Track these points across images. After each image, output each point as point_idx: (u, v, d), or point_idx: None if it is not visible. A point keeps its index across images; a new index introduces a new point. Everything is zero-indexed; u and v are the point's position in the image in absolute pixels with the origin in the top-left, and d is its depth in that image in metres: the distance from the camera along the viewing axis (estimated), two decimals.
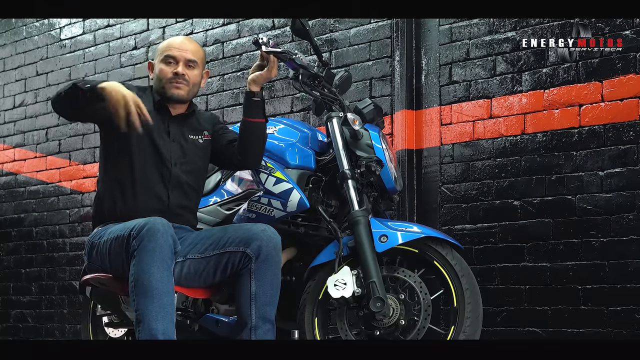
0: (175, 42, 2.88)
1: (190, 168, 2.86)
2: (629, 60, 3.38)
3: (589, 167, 3.45)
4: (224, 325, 2.89)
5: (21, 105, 5.80)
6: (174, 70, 2.82)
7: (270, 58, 2.80)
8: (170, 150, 2.82)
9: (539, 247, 3.55)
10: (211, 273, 2.74)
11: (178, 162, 2.82)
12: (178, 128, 2.87)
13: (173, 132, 2.85)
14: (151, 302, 2.44)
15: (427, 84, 3.93)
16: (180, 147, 2.85)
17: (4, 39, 5.97)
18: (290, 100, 4.40)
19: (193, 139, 2.89)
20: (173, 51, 2.84)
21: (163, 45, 2.90)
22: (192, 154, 2.87)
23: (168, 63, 2.83)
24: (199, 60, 2.88)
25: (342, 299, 2.72)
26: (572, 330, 3.44)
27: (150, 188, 2.77)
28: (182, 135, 2.87)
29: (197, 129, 2.92)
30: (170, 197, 2.79)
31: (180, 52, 2.84)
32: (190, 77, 2.84)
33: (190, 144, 2.88)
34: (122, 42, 5.23)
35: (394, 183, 3.04)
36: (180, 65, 2.83)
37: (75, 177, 5.37)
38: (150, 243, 2.46)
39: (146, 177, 2.77)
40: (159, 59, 2.86)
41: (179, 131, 2.87)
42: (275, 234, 2.71)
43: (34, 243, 5.60)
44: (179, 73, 2.82)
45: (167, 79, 2.82)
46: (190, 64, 2.85)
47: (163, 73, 2.83)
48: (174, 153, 2.83)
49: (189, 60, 2.85)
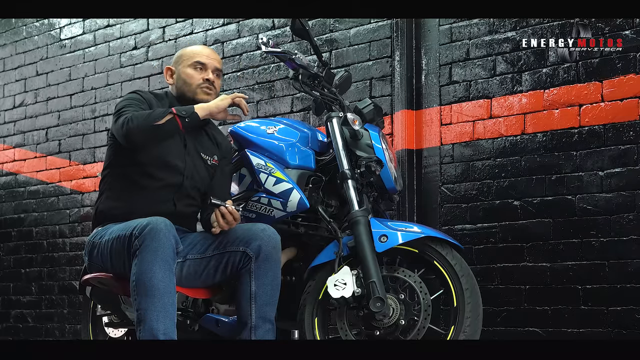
0: (203, 50, 2.94)
1: (199, 185, 2.86)
2: (629, 60, 3.38)
3: (589, 167, 3.45)
4: (224, 325, 2.89)
5: (21, 105, 5.80)
6: (205, 76, 2.87)
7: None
8: (185, 162, 2.82)
9: (539, 247, 3.54)
10: (211, 273, 2.74)
11: (189, 175, 2.82)
12: (193, 142, 2.88)
13: (189, 146, 2.86)
14: (152, 302, 2.44)
15: (427, 84, 3.93)
16: (192, 163, 2.85)
17: (4, 39, 5.97)
18: (290, 100, 4.40)
19: (204, 157, 2.90)
20: (202, 58, 2.89)
21: (188, 51, 2.93)
22: (202, 172, 2.88)
23: (197, 69, 2.88)
24: (222, 70, 2.97)
25: (342, 299, 2.72)
26: (572, 330, 3.44)
27: (158, 194, 2.75)
28: (196, 151, 2.88)
29: (210, 149, 2.93)
30: (177, 206, 2.79)
31: (210, 59, 2.90)
32: (217, 85, 2.91)
33: (202, 162, 2.88)
34: (122, 42, 5.23)
35: (394, 183, 3.04)
36: (209, 73, 2.88)
37: (75, 177, 5.37)
38: (153, 242, 2.46)
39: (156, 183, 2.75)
40: (186, 64, 2.88)
41: (193, 146, 2.87)
42: (275, 233, 2.71)
43: (34, 243, 5.60)
44: (210, 79, 2.87)
45: (198, 84, 2.86)
46: (216, 72, 2.92)
47: (193, 78, 2.87)
48: (188, 166, 2.83)
49: (217, 68, 2.92)
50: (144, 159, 2.75)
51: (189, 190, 2.82)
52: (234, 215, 2.68)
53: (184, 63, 2.89)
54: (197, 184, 2.85)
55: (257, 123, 3.21)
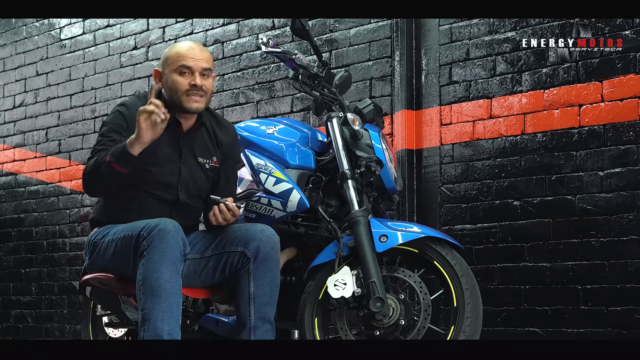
0: (188, 52, 2.70)
1: (197, 193, 2.79)
2: (629, 60, 3.37)
3: (589, 167, 3.45)
4: (224, 325, 2.89)
5: (21, 105, 5.80)
6: (191, 81, 2.66)
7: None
8: (179, 175, 2.74)
9: (539, 247, 3.54)
10: (210, 273, 2.73)
11: (184, 188, 2.75)
12: (189, 148, 2.77)
13: (184, 154, 2.76)
14: (158, 302, 2.44)
15: (427, 84, 3.93)
16: (189, 172, 2.76)
17: (4, 39, 5.97)
18: (290, 100, 4.40)
19: (202, 162, 2.79)
20: (188, 61, 2.67)
21: (172, 53, 2.72)
22: (199, 179, 2.79)
23: (183, 74, 2.67)
24: (212, 68, 2.74)
25: (342, 299, 2.72)
26: (572, 330, 3.44)
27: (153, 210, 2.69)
28: (193, 157, 2.78)
29: (208, 150, 2.82)
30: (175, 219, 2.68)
31: (195, 61, 2.68)
32: (207, 87, 2.70)
33: (199, 167, 2.79)
34: (122, 42, 5.23)
35: (394, 183, 3.04)
36: (197, 76, 2.67)
37: (75, 177, 5.37)
38: (161, 243, 2.45)
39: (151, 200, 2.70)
40: (171, 68, 2.68)
41: (189, 152, 2.77)
42: (274, 234, 2.70)
43: (34, 243, 5.60)
44: (197, 85, 2.67)
45: (184, 90, 2.66)
46: (205, 72, 2.69)
47: (179, 85, 2.67)
48: (183, 178, 2.74)
49: (205, 69, 2.69)
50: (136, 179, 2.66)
51: (187, 201, 2.76)
52: (233, 212, 2.66)
53: (170, 67, 2.69)
54: (194, 192, 2.77)
55: (257, 123, 3.22)
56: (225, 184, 2.84)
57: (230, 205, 2.65)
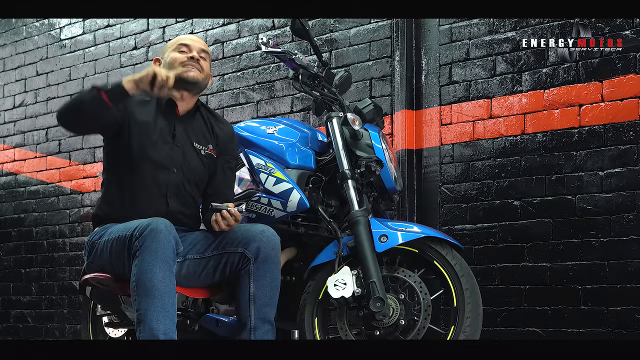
0: (188, 36, 2.92)
1: (191, 176, 2.80)
2: (629, 60, 3.38)
3: (589, 167, 3.45)
4: (224, 325, 2.89)
5: (21, 105, 5.80)
6: (189, 55, 2.80)
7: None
8: (173, 156, 2.77)
9: (539, 247, 3.54)
10: (210, 273, 2.73)
11: (179, 169, 2.77)
12: (184, 132, 2.81)
13: (178, 136, 2.80)
14: (152, 302, 2.44)
15: (427, 84, 3.93)
16: (182, 154, 2.79)
17: (4, 39, 5.97)
18: (290, 100, 4.40)
19: (197, 147, 2.83)
20: (186, 41, 2.85)
21: (173, 40, 2.90)
22: (194, 162, 2.81)
23: (181, 52, 2.81)
24: (209, 55, 2.89)
25: (342, 299, 2.72)
26: (572, 330, 3.44)
27: (149, 194, 2.72)
28: (188, 140, 2.81)
29: (204, 137, 2.86)
30: (170, 204, 2.75)
31: (194, 42, 2.85)
32: (204, 65, 2.83)
33: (194, 151, 2.82)
34: (122, 42, 5.23)
35: (394, 183, 3.04)
36: (194, 52, 2.81)
37: (75, 177, 5.37)
38: (153, 243, 2.45)
39: (145, 183, 2.73)
40: (171, 50, 2.83)
41: (184, 135, 2.81)
42: (274, 234, 2.70)
43: (34, 243, 5.60)
44: (195, 57, 2.80)
45: (181, 62, 2.79)
46: (202, 54, 2.84)
47: (177, 59, 2.80)
48: (176, 158, 2.77)
49: (202, 50, 2.84)
50: (130, 156, 2.72)
51: (183, 184, 2.78)
52: (235, 217, 2.68)
53: (169, 50, 2.84)
54: (189, 176, 2.79)
55: (257, 123, 3.22)
56: (221, 179, 2.87)
57: (233, 211, 2.67)
